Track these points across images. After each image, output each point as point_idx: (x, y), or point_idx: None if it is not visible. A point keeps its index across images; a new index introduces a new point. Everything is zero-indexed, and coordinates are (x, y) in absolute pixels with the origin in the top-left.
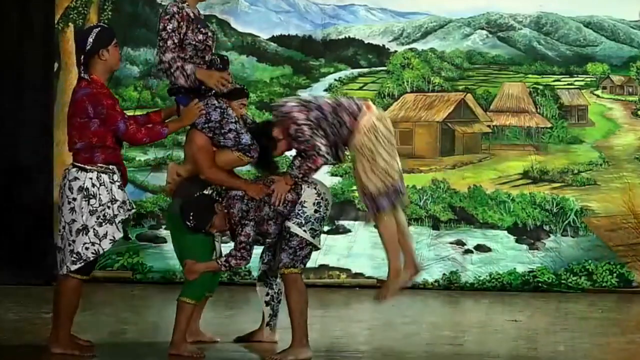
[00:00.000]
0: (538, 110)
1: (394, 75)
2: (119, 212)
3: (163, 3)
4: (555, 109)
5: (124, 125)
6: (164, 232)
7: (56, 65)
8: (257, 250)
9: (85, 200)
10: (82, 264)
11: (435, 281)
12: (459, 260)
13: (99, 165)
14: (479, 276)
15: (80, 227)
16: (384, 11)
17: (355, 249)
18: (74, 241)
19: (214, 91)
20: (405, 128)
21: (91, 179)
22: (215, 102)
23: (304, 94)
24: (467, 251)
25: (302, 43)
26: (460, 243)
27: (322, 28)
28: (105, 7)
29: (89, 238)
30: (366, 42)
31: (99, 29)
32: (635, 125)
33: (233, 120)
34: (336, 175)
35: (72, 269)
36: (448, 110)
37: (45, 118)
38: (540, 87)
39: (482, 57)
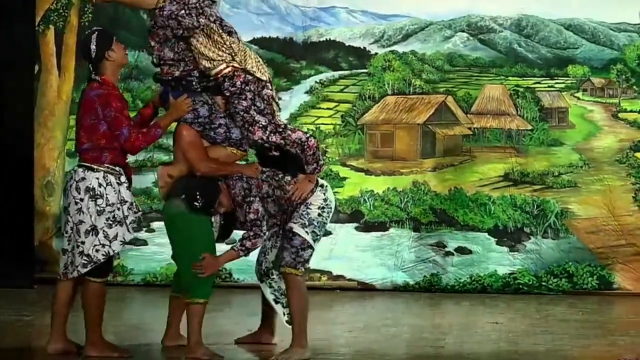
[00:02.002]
0: (519, 112)
1: (374, 78)
2: (129, 213)
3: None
4: (535, 111)
5: (128, 132)
6: (145, 235)
7: (37, 67)
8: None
9: (92, 200)
10: (93, 266)
11: (416, 283)
12: (439, 262)
13: (106, 165)
14: (460, 278)
15: (89, 228)
16: (365, 14)
17: (335, 252)
18: (83, 242)
19: (200, 86)
20: (386, 130)
21: (97, 179)
22: (203, 97)
23: (285, 96)
24: (448, 253)
25: (283, 45)
26: (441, 245)
27: (303, 30)
28: (86, 9)
29: (98, 240)
30: (347, 44)
31: (96, 33)
32: (616, 128)
33: (222, 115)
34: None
35: (83, 271)
36: (429, 112)
37: (26, 120)
38: (521, 89)
39: (463, 60)
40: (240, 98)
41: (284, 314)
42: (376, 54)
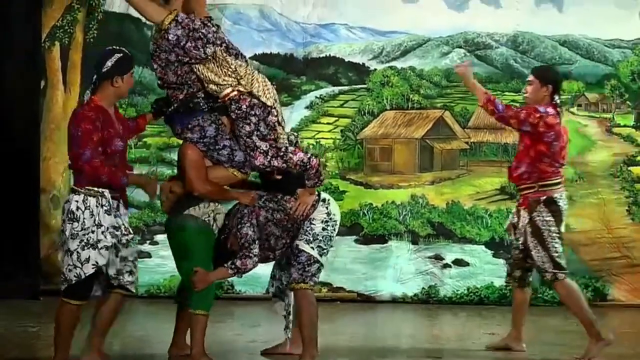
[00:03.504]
0: None
1: (373, 93)
2: (104, 237)
3: (148, 23)
4: None
5: (89, 156)
6: (149, 247)
7: (43, 83)
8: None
9: (69, 223)
10: (66, 285)
11: (415, 295)
12: (437, 274)
13: (87, 187)
14: (457, 290)
15: (66, 249)
16: (364, 30)
17: (336, 264)
18: (62, 262)
19: (207, 106)
20: (385, 145)
21: (77, 201)
22: (211, 117)
23: (286, 111)
24: (446, 265)
25: (284, 61)
26: (438, 257)
27: (304, 46)
28: (91, 25)
29: (72, 260)
30: (347, 60)
31: (121, 55)
32: (610, 142)
33: (227, 137)
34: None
35: (62, 288)
36: (427, 127)
37: (32, 134)
38: (517, 104)
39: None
40: (244, 122)
41: (285, 331)
42: (375, 69)
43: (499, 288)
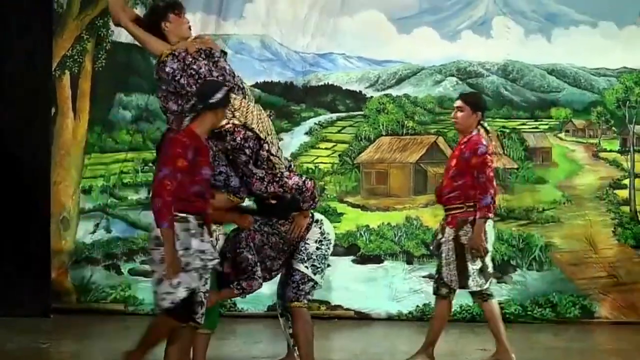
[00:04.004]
0: (505, 152)
1: (370, 119)
2: (192, 260)
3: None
4: (521, 151)
5: (165, 174)
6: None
7: (53, 110)
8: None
9: (157, 249)
10: (164, 311)
11: (409, 312)
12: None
13: (175, 214)
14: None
15: (157, 276)
16: (361, 59)
17: (333, 283)
18: (156, 290)
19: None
20: (380, 169)
21: None
22: (208, 144)
23: (286, 137)
24: None
25: (284, 89)
26: (432, 277)
27: (303, 75)
28: (100, 55)
29: (164, 287)
30: (344, 88)
31: (228, 89)
32: (596, 166)
33: (224, 163)
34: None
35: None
36: (421, 152)
37: (43, 159)
38: (507, 130)
39: (453, 103)
40: (240, 152)
41: (292, 348)
42: (371, 97)
43: None
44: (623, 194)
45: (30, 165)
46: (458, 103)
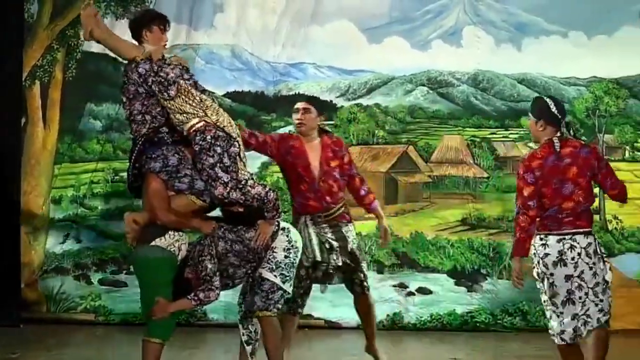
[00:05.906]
0: (475, 161)
1: (341, 129)
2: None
3: (124, 62)
4: (491, 160)
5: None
6: (125, 277)
7: (23, 119)
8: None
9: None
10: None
11: (380, 322)
12: (401, 302)
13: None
14: (421, 317)
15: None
16: (331, 69)
17: None
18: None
19: (173, 138)
20: None
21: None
22: (174, 148)
23: None
24: (410, 293)
25: (254, 99)
26: (402, 286)
27: (274, 85)
28: (70, 65)
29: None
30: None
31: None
32: None
33: (189, 167)
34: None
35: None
36: (391, 161)
37: (13, 169)
38: (478, 139)
39: (423, 112)
40: (208, 154)
41: (251, 357)
42: (342, 106)
43: (461, 315)
44: (594, 204)
45: (0, 174)
46: None
